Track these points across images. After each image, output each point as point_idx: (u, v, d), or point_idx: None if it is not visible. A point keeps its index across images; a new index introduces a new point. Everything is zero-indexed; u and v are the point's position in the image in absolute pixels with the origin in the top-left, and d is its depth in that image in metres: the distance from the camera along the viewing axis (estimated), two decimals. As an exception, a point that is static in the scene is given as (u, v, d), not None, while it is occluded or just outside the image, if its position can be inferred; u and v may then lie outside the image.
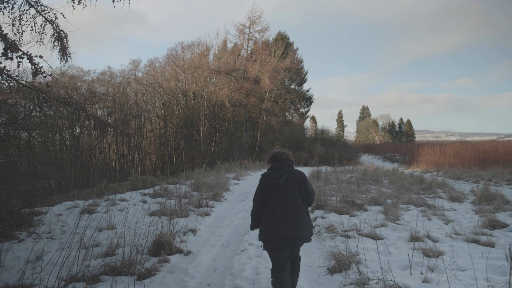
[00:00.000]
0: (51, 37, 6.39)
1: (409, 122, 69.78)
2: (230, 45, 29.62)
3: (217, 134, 27.72)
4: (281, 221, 2.96)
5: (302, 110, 37.57)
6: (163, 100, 28.93)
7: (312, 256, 4.43)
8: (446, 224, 6.15)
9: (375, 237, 5.05)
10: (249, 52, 27.92)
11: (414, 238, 4.94)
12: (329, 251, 4.09)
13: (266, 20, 71.18)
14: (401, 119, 70.23)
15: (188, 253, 4.48)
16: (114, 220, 5.88)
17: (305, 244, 4.79)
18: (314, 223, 6.22)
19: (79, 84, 25.72)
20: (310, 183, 3.22)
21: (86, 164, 23.26)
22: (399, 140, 65.10)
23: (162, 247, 4.29)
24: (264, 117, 28.07)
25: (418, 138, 77.39)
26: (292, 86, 34.64)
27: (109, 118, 27.14)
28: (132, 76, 30.61)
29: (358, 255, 4.15)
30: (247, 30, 26.83)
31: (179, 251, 4.46)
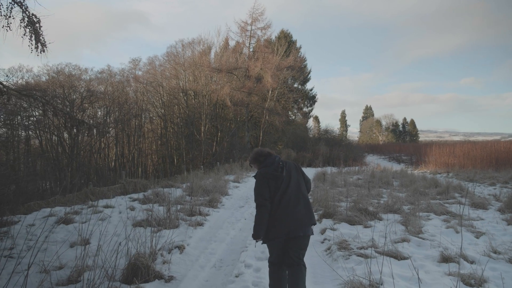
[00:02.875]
0: (21, 22, 5.60)
1: (412, 122, 68.70)
2: (232, 43, 28.81)
3: (219, 134, 26.89)
4: (294, 212, 2.84)
5: (305, 109, 36.65)
6: (163, 99, 28.15)
7: (324, 284, 3.56)
8: (478, 237, 5.27)
9: (398, 256, 4.20)
10: (251, 50, 27.06)
11: (445, 259, 4.07)
12: (345, 281, 3.23)
13: (268, 18, 70.38)
14: (404, 119, 69.19)
15: (170, 279, 3.63)
16: (91, 232, 5.04)
17: (316, 270, 3.95)
18: (323, 237, 5.40)
19: (76, 83, 25.01)
20: None
21: (83, 165, 22.54)
22: (403, 140, 64.05)
23: (137, 273, 3.45)
24: (267, 117, 27.17)
25: (421, 138, 76.34)
26: (295, 85, 33.71)
27: (107, 117, 26.44)
28: (132, 75, 29.87)
29: (382, 285, 3.30)
30: (249, 27, 26.00)
31: (159, 276, 3.61)
